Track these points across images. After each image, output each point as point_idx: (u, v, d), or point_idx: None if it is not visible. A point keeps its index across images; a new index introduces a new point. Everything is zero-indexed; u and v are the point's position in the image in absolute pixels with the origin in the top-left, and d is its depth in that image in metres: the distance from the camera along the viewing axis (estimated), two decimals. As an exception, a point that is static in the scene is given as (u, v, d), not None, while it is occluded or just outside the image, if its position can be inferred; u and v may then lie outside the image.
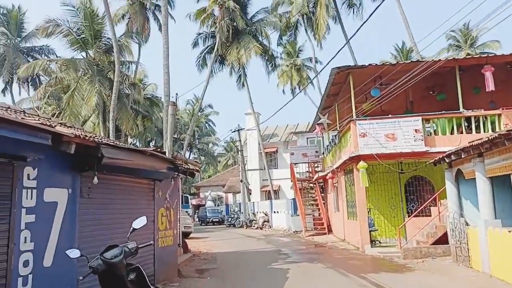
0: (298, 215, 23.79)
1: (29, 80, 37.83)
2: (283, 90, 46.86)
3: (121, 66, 32.57)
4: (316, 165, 24.93)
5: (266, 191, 39.25)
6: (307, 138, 36.19)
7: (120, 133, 31.17)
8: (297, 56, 44.92)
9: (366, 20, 12.00)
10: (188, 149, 67.05)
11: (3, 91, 39.28)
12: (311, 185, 24.78)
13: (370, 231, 14.11)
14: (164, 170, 8.06)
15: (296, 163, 25.12)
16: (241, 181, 32.55)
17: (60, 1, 31.22)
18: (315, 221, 22.92)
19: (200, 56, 34.54)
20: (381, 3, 11.87)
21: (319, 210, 22.82)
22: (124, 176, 7.00)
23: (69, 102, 28.13)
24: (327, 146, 20.60)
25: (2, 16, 36.53)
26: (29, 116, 6.28)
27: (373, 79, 15.37)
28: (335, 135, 17.78)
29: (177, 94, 13.16)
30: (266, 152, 37.53)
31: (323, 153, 23.39)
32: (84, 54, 30.18)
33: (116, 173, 6.63)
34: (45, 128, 4.68)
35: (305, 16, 34.17)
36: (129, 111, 32.07)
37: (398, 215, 15.23)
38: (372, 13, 12.41)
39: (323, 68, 22.64)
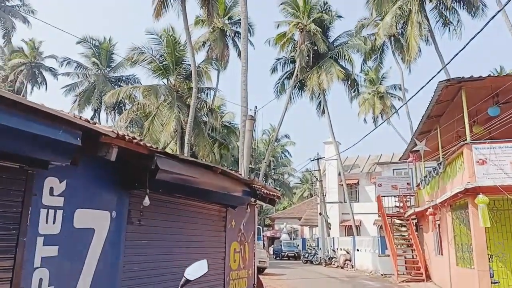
0: (387, 256, 20.74)
1: (115, 108, 39.57)
2: (365, 119, 44.23)
3: (199, 93, 32.75)
4: (406, 199, 21.89)
5: (346, 226, 36.13)
6: (393, 169, 32.90)
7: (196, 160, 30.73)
8: (380, 84, 42.29)
9: (469, 41, 9.74)
10: (264, 179, 66.04)
11: (92, 118, 41.49)
12: (402, 222, 21.67)
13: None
14: (239, 194, 6.37)
15: (384, 196, 22.22)
16: (320, 213, 30.08)
17: (145, 30, 32.46)
18: (408, 263, 19.74)
19: (279, 82, 33.44)
20: (489, 21, 9.55)
21: (413, 252, 19.63)
22: (187, 198, 5.41)
23: (149, 128, 28.40)
24: (425, 177, 17.68)
25: (94, 48, 38.92)
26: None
27: (488, 97, 12.68)
28: (438, 163, 14.96)
29: (256, 107, 11.85)
30: (347, 184, 34.71)
31: (417, 185, 20.35)
32: (165, 81, 30.67)
33: (176, 193, 5.05)
34: (72, 120, 3.20)
35: (392, 38, 31.72)
36: (206, 137, 31.66)
37: (529, 266, 11.93)
38: (478, 33, 10.06)
39: (413, 96, 20.13)
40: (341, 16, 32.85)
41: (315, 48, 31.13)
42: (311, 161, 30.94)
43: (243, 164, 9.78)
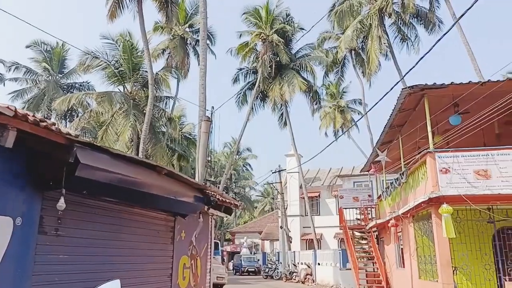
0: (349, 269, 20.31)
1: (67, 116, 37.45)
2: (326, 133, 44.51)
3: (158, 102, 31.54)
4: (368, 211, 21.69)
5: (307, 239, 35.71)
6: (354, 182, 32.92)
7: (154, 171, 29.32)
8: (341, 98, 42.83)
9: (425, 55, 9.82)
10: (225, 192, 64.89)
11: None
12: (363, 234, 21.39)
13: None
14: (189, 200, 5.53)
15: (346, 208, 21.90)
16: (281, 227, 29.43)
17: (100, 34, 31.05)
18: (369, 277, 19.34)
19: (241, 92, 32.88)
20: (444, 34, 9.57)
21: (374, 265, 19.29)
22: (123, 204, 4.50)
23: (103, 137, 26.87)
24: (386, 188, 17.44)
25: (46, 53, 36.89)
26: None
27: (449, 105, 12.58)
28: (400, 173, 14.71)
29: (212, 107, 11.03)
30: (308, 197, 34.39)
31: (378, 197, 20.16)
32: (121, 88, 29.29)
33: (107, 197, 4.14)
34: None
35: (353, 51, 32.10)
36: (164, 148, 30.42)
37: (493, 278, 11.71)
38: (434, 45, 10.12)
39: (372, 106, 19.88)
40: (303, 29, 32.93)
41: (278, 59, 30.89)
42: (272, 173, 30.39)
43: (198, 170, 8.92)
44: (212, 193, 6.19)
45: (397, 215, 14.64)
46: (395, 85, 18.81)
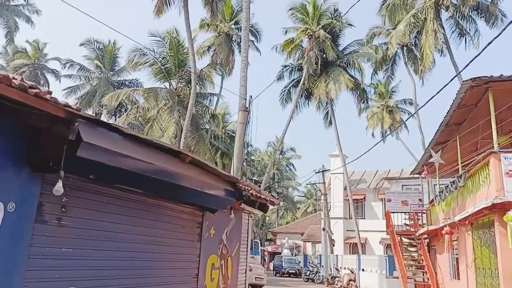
0: (396, 278, 19.04)
1: (116, 112, 38.44)
2: (373, 134, 42.79)
3: (202, 99, 31.50)
4: (418, 216, 20.25)
5: (351, 243, 34.33)
6: (402, 185, 31.19)
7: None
8: (390, 97, 40.97)
9: (484, 48, 8.69)
10: (267, 191, 64.43)
11: (92, 121, 40.37)
12: (411, 241, 19.98)
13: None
14: (218, 194, 4.95)
15: (393, 212, 20.58)
16: (324, 229, 28.41)
17: (148, 31, 31.52)
18: (418, 287, 18.00)
19: (285, 90, 32.14)
20: (505, 27, 8.37)
21: (424, 274, 17.91)
22: (143, 194, 3.99)
23: (148, 132, 27.15)
24: (440, 192, 16.07)
25: (98, 51, 38.03)
26: None
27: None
28: (458, 176, 13.38)
29: (251, 96, 10.34)
30: (353, 200, 33.04)
31: (430, 202, 18.74)
32: (167, 84, 29.57)
33: (120, 183, 3.63)
34: None
35: (405, 48, 30.40)
36: (207, 145, 30.34)
37: None
38: (493, 40, 8.98)
39: (424, 105, 18.23)
40: (351, 25, 31.67)
41: (324, 55, 29.89)
42: (316, 173, 29.42)
43: (233, 163, 8.35)
44: (245, 187, 5.60)
45: (453, 221, 13.36)
46: (452, 79, 17.07)
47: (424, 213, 19.88)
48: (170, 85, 29.52)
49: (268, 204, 6.58)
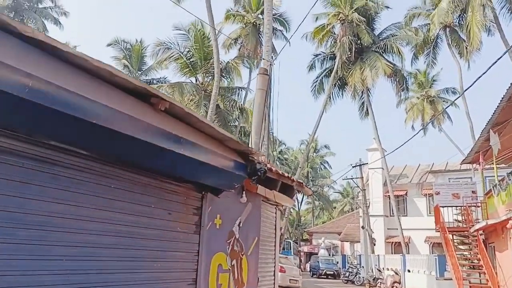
0: (448, 279, 16.88)
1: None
2: (413, 126, 40.14)
3: (230, 94, 30.27)
4: (471, 210, 18.00)
5: (393, 242, 31.98)
6: (449, 178, 28.60)
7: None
8: (431, 87, 38.23)
9: None
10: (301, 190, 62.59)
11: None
12: (462, 238, 17.71)
13: None
14: (223, 165, 3.43)
15: (443, 206, 18.40)
16: (363, 227, 26.37)
17: (173, 25, 30.62)
18: (475, 291, 15.82)
19: (317, 80, 30.29)
20: None
21: (482, 275, 15.71)
22: (97, 160, 2.56)
23: (175, 129, 26.20)
24: (501, 180, 13.89)
25: (125, 50, 37.60)
26: None
27: None
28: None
29: (273, 57, 8.95)
30: (394, 196, 30.74)
31: (486, 193, 16.50)
32: (193, 79, 28.57)
33: (52, 138, 2.20)
34: None
35: (448, 29, 27.87)
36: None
37: None
38: None
39: (473, 83, 15.70)
40: (388, 7, 29.43)
41: (358, 41, 27.89)
42: (352, 167, 27.41)
43: (251, 138, 6.87)
44: (261, 160, 4.08)
45: (521, 213, 11.27)
46: (504, 53, 14.97)
47: (479, 206, 17.63)
48: (196, 80, 28.50)
49: (295, 188, 5.01)
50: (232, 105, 28.96)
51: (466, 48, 27.21)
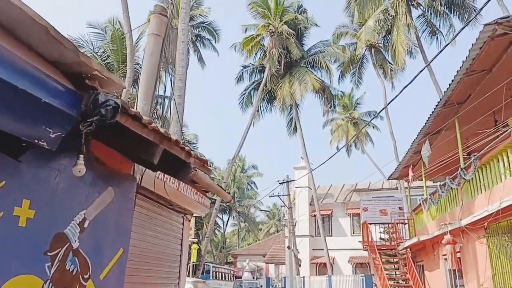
0: (375, 302, 15.84)
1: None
2: (337, 147, 40.70)
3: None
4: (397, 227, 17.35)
5: (318, 263, 31.09)
6: (372, 197, 28.44)
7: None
8: (355, 109, 39.15)
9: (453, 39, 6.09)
10: (227, 211, 60.57)
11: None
12: (388, 257, 16.88)
13: None
14: (32, 87, 1.43)
15: (371, 223, 17.54)
16: (289, 247, 24.94)
17: (87, 22, 27.70)
18: (403, 313, 14.88)
19: (245, 93, 28.98)
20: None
21: (410, 297, 14.82)
22: None
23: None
24: (431, 194, 13.15)
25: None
26: None
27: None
28: (461, 168, 10.45)
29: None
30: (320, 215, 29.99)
31: (414, 209, 15.87)
32: (109, 83, 25.68)
33: None
34: None
35: (373, 49, 28.24)
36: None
37: None
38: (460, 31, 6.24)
39: (396, 96, 15.76)
40: (317, 24, 29.30)
41: (288, 54, 27.18)
42: (280, 183, 26.09)
43: (137, 102, 4.87)
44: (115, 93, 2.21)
45: (457, 227, 10.37)
46: (418, 73, 14.77)
47: (406, 223, 17.01)
48: (112, 84, 25.70)
49: (192, 166, 3.12)
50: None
51: (391, 69, 27.74)
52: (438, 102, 10.80)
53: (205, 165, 3.55)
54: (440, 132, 12.61)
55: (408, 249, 15.89)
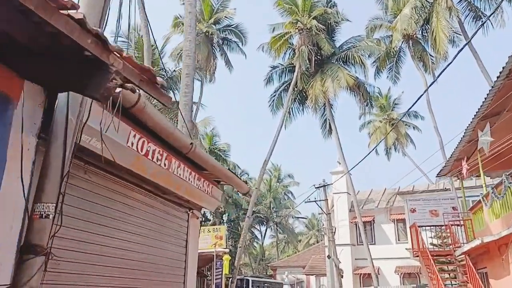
0: (431, 317, 13.78)
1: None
2: (376, 150, 38.60)
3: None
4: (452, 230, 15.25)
5: (361, 274, 28.89)
6: (421, 199, 26.18)
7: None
8: (393, 110, 37.11)
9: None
10: (264, 222, 59.07)
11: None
12: (442, 264, 14.77)
13: None
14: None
15: (420, 226, 15.53)
16: (329, 256, 23.08)
17: (110, 31, 27.41)
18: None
19: (275, 95, 27.66)
20: None
21: (473, 310, 12.72)
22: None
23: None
24: (494, 188, 11.14)
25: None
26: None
27: None
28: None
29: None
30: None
31: (471, 208, 13.80)
32: (135, 91, 25.18)
33: None
34: None
35: (410, 41, 26.25)
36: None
37: None
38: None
39: (440, 73, 13.69)
40: (348, 20, 27.67)
41: (318, 51, 25.71)
42: (316, 188, 24.43)
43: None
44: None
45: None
46: (460, 51, 12.77)
47: (461, 225, 14.92)
48: (139, 92, 25.18)
49: (103, 63, 1.84)
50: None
51: (432, 60, 25.67)
52: (499, 74, 8.99)
53: (153, 82, 2.22)
54: (501, 114, 10.71)
55: (467, 254, 13.81)
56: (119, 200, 3.84)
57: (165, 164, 3.93)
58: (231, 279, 21.00)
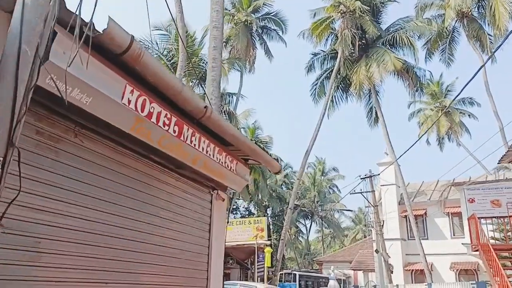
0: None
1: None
2: (427, 140, 36.48)
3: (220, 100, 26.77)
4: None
5: (413, 270, 27.27)
6: (481, 188, 24.22)
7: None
8: (445, 97, 34.76)
9: None
10: (309, 216, 58.10)
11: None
12: (506, 259, 13.32)
13: None
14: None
15: (480, 217, 14.09)
16: (377, 251, 21.86)
17: (153, 25, 27.49)
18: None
19: (317, 83, 26.59)
20: None
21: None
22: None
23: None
24: None
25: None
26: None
27: None
28: None
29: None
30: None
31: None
32: (176, 83, 25.09)
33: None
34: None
35: (465, 19, 24.21)
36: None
37: None
38: None
39: (497, 48, 12.09)
40: (396, 0, 26.00)
41: (363, 35, 24.35)
42: (361, 179, 23.21)
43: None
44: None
45: None
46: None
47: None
48: (180, 84, 25.07)
49: None
50: (222, 112, 25.39)
51: (490, 40, 23.54)
52: None
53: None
54: None
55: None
56: (123, 173, 3.27)
57: (174, 131, 3.31)
58: (273, 272, 20.42)
